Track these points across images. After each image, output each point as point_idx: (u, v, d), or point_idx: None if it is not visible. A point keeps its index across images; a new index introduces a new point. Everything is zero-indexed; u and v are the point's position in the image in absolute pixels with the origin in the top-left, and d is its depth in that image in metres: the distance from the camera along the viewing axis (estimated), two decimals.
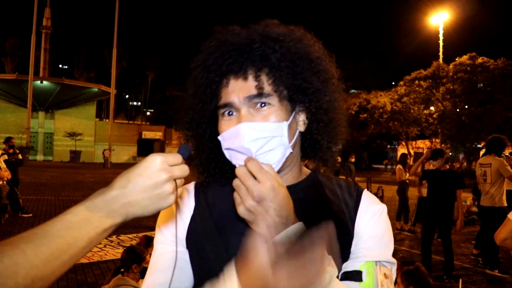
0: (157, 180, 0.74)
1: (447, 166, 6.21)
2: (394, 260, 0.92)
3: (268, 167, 0.82)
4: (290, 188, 0.94)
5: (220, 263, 0.89)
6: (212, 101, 0.94)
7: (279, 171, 0.94)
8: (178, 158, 0.79)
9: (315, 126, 0.96)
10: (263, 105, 0.89)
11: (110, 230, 0.74)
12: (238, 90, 0.90)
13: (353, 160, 12.88)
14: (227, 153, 0.93)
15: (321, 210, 0.93)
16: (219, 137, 0.94)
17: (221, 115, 0.94)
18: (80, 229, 0.69)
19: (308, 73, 0.92)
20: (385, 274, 0.88)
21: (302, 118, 0.96)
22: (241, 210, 0.81)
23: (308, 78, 0.92)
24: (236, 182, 0.81)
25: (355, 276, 0.86)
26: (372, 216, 0.94)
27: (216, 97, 0.93)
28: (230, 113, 0.92)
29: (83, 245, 0.70)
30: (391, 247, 0.94)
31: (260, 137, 0.87)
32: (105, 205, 0.72)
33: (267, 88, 0.89)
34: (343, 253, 0.89)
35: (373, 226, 0.93)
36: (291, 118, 0.92)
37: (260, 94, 0.88)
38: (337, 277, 0.84)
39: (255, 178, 0.79)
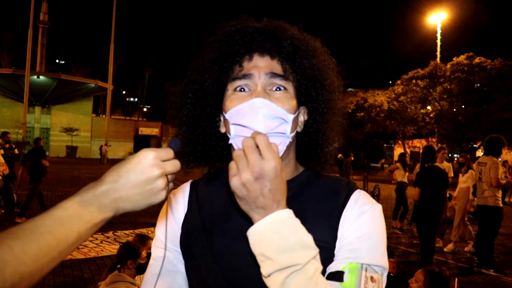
0: (149, 175, 0.73)
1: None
2: (385, 265, 0.86)
3: (275, 146, 0.77)
4: None
5: (206, 265, 0.90)
6: (229, 72, 0.93)
7: None
8: (170, 153, 0.77)
9: (317, 127, 0.98)
10: (280, 88, 0.90)
11: (100, 224, 0.73)
12: (262, 65, 0.90)
13: (352, 158, 13.01)
14: (233, 129, 0.90)
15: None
16: (227, 114, 0.91)
17: (233, 90, 0.92)
18: (70, 224, 0.68)
19: (323, 76, 0.96)
20: (371, 278, 0.82)
21: (302, 118, 0.97)
22: (234, 182, 0.75)
23: (322, 80, 0.96)
24: (238, 152, 0.76)
25: (337, 276, 0.82)
26: (359, 216, 0.89)
27: (234, 69, 0.92)
28: (243, 89, 0.91)
29: (73, 240, 0.68)
30: (381, 250, 0.87)
31: (274, 116, 0.86)
32: (96, 200, 0.70)
33: (288, 73, 0.92)
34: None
35: (358, 226, 0.88)
36: (297, 112, 0.94)
37: (284, 76, 0.90)
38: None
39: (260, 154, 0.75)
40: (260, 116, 0.85)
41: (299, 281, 0.72)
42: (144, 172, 0.72)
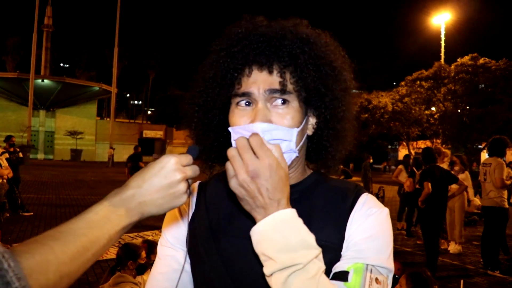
0: (172, 180, 0.77)
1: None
2: (391, 267, 0.87)
3: (276, 147, 0.78)
4: (290, 188, 0.95)
5: (212, 265, 0.90)
6: (230, 88, 0.92)
7: None
8: (190, 158, 0.81)
9: (325, 133, 0.96)
10: (282, 102, 0.88)
11: (127, 228, 0.77)
12: (260, 81, 0.88)
13: (371, 161, 13.22)
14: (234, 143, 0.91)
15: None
16: (230, 129, 0.91)
17: (236, 104, 0.91)
18: (101, 227, 0.72)
19: (330, 80, 0.92)
20: (376, 279, 0.82)
21: (312, 122, 0.96)
22: (233, 184, 0.76)
23: (329, 84, 0.92)
24: (232, 152, 0.76)
25: (341, 276, 0.82)
26: (366, 218, 0.90)
27: (234, 84, 0.91)
28: (247, 103, 0.90)
29: (104, 242, 0.72)
30: (387, 252, 0.87)
31: (271, 139, 0.85)
32: (123, 204, 0.75)
33: (289, 86, 0.88)
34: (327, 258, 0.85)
35: (365, 227, 0.88)
36: (304, 122, 0.92)
37: (283, 90, 0.87)
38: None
39: (254, 153, 0.76)
40: None
41: (301, 280, 0.72)
42: (167, 177, 0.77)
